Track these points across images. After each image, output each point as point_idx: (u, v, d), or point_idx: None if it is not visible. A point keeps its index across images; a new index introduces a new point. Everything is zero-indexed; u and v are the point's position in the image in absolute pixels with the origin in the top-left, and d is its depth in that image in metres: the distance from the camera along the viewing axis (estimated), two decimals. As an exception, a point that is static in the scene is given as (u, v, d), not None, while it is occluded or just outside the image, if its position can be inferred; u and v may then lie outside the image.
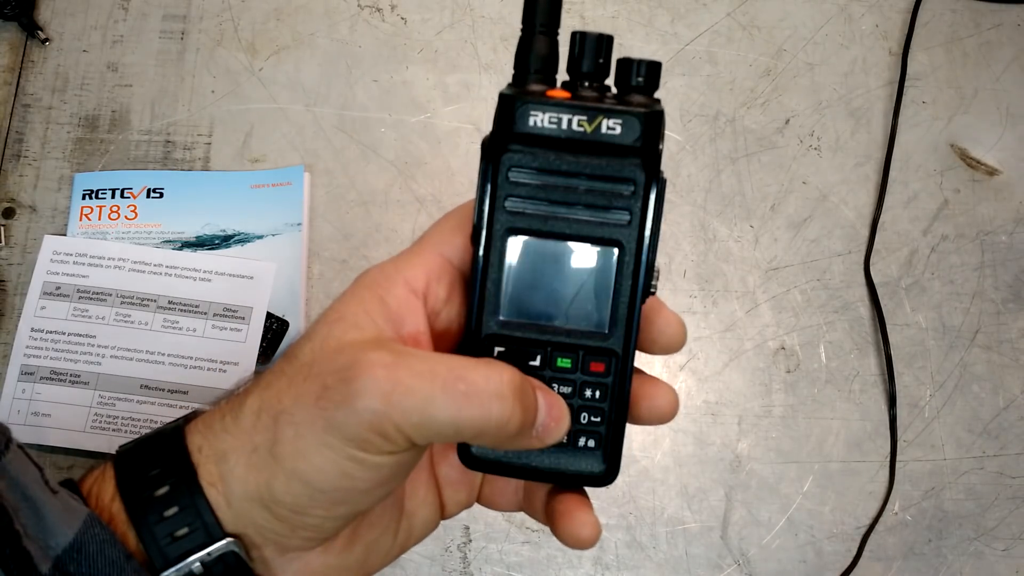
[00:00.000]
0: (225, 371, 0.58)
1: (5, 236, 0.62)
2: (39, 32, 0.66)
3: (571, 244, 0.28)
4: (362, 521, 0.31)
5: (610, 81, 0.30)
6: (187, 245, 0.62)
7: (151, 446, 0.30)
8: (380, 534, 0.32)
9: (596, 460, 0.30)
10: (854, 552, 0.57)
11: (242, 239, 0.62)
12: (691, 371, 0.61)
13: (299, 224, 0.62)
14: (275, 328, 0.60)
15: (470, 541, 0.56)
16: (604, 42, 0.29)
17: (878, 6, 0.70)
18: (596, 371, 0.29)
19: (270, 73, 0.67)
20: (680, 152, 0.65)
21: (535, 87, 0.28)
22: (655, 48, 0.68)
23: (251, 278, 0.61)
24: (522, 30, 0.29)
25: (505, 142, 0.28)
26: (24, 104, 0.65)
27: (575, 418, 0.29)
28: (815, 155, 0.66)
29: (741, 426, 0.59)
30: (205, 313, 0.60)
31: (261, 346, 0.59)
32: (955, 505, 0.58)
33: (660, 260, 0.65)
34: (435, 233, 0.31)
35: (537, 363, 0.29)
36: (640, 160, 0.28)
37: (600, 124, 0.27)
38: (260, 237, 0.62)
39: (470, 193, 0.70)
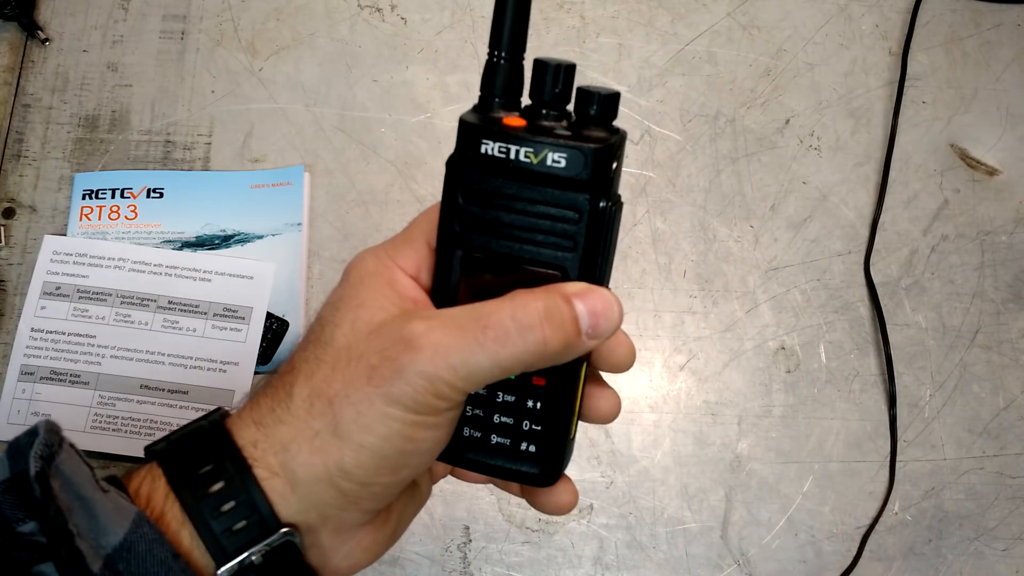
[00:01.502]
0: (225, 371, 0.58)
1: (5, 236, 0.62)
2: (39, 32, 0.66)
3: (517, 267, 0.30)
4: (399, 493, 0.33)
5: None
6: (187, 245, 0.62)
7: (195, 444, 0.30)
8: (406, 504, 0.34)
9: (533, 463, 0.32)
10: (854, 552, 0.57)
11: (242, 239, 0.62)
12: (691, 371, 0.61)
13: (299, 224, 0.62)
14: (275, 328, 0.60)
15: (470, 541, 0.56)
16: (563, 72, 0.29)
17: (878, 6, 0.70)
18: (537, 384, 0.31)
19: (270, 73, 0.67)
20: (680, 152, 0.65)
21: (496, 113, 0.29)
22: (655, 48, 0.68)
23: (251, 278, 0.61)
24: (488, 54, 0.30)
25: (461, 165, 0.29)
26: (24, 104, 0.65)
27: (518, 425, 0.32)
28: (815, 155, 0.66)
29: (741, 426, 0.59)
30: (205, 313, 0.60)
31: (261, 346, 0.59)
32: (955, 505, 0.58)
33: (660, 260, 0.65)
34: (423, 223, 0.32)
35: None
36: (586, 192, 0.28)
37: (545, 157, 0.28)
38: (260, 237, 0.62)
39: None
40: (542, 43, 0.68)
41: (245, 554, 0.28)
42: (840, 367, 0.61)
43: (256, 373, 0.59)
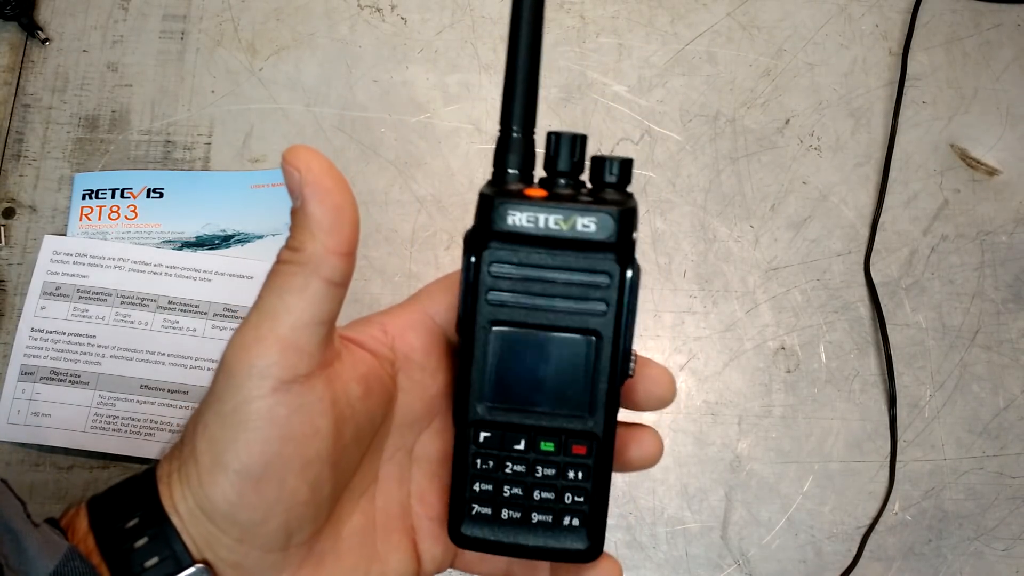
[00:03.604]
0: (225, 371, 0.58)
1: (5, 236, 0.62)
2: (39, 32, 0.66)
3: (552, 334, 0.30)
4: (328, 550, 0.31)
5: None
6: (187, 245, 0.62)
7: (124, 483, 0.30)
8: (349, 571, 0.32)
9: (580, 538, 0.32)
10: (854, 552, 0.57)
11: (242, 239, 0.62)
12: (691, 371, 0.61)
13: (299, 224, 0.62)
14: (275, 328, 0.60)
15: (470, 541, 0.56)
16: (578, 142, 0.30)
17: (878, 6, 0.70)
18: (578, 453, 0.31)
19: (270, 73, 0.67)
20: (680, 152, 0.65)
21: (513, 186, 0.30)
22: (655, 48, 0.68)
23: (251, 278, 0.61)
24: (500, 129, 0.31)
25: (486, 239, 0.29)
26: (24, 104, 0.65)
27: (560, 499, 0.31)
28: (815, 155, 0.66)
29: (741, 426, 0.59)
30: (205, 313, 0.60)
31: (261, 346, 0.59)
32: (955, 505, 0.58)
33: (660, 260, 0.65)
34: (422, 293, 0.33)
35: (522, 447, 0.31)
36: (614, 254, 0.29)
37: (575, 222, 0.29)
38: (260, 237, 0.62)
39: (470, 193, 0.70)
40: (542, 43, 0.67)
41: None
42: (840, 367, 0.61)
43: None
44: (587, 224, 0.28)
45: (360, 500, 0.32)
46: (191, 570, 0.28)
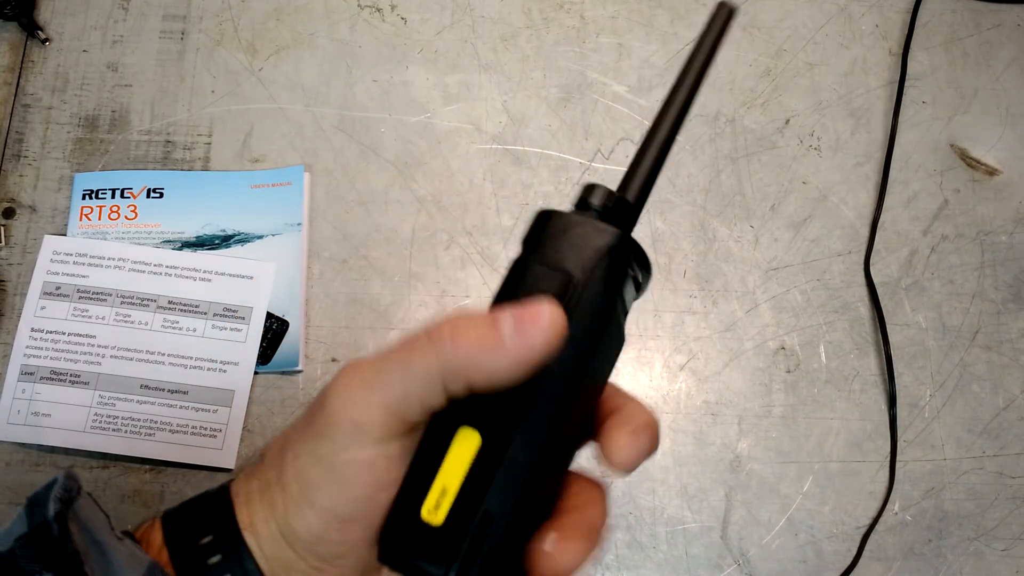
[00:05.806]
0: (225, 371, 0.58)
1: (5, 236, 0.62)
2: (39, 32, 0.66)
3: None
4: None
5: None
6: (187, 245, 0.62)
7: (198, 499, 0.30)
8: None
9: None
10: (854, 552, 0.57)
11: (242, 239, 0.62)
12: (691, 371, 0.61)
13: (299, 224, 0.62)
14: (275, 328, 0.60)
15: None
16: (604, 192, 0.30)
17: (878, 6, 0.70)
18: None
19: (270, 73, 0.67)
20: (680, 152, 0.65)
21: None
22: (655, 48, 0.68)
23: (251, 278, 0.61)
24: (617, 190, 0.30)
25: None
26: (24, 104, 0.65)
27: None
28: (815, 155, 0.66)
29: (741, 426, 0.59)
30: (205, 313, 0.60)
31: (261, 346, 0.59)
32: (955, 505, 0.58)
33: (660, 260, 0.64)
34: None
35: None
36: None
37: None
38: (260, 237, 0.62)
39: (470, 193, 0.70)
40: (542, 43, 0.68)
41: None
42: (840, 367, 0.61)
43: (256, 373, 0.59)
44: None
45: None
46: None
